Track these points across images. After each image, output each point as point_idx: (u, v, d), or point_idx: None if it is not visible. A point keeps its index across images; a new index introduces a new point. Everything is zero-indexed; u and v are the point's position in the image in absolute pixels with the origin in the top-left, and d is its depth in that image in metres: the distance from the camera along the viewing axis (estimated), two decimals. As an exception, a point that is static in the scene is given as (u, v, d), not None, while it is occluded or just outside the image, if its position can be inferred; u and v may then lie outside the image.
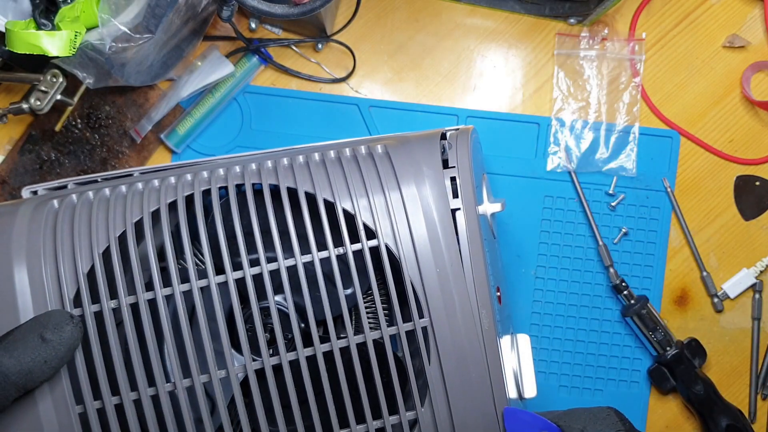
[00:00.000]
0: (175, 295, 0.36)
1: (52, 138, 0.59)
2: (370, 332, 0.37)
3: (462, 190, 0.39)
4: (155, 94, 0.60)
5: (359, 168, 0.40)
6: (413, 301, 0.37)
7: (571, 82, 0.62)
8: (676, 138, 0.61)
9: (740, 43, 0.62)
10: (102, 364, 0.36)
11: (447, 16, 0.62)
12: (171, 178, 0.40)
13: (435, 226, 0.38)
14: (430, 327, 0.37)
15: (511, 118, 0.61)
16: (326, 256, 0.37)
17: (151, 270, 0.36)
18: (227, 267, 0.37)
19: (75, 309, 0.36)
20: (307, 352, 0.37)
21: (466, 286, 0.38)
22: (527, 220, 0.60)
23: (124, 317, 0.36)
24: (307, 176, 0.39)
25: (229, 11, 0.53)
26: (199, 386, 0.36)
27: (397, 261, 0.38)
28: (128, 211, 0.38)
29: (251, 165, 0.41)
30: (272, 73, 0.61)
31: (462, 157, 0.40)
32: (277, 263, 0.37)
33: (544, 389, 0.59)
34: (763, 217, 0.61)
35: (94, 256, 0.37)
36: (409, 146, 0.41)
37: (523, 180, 0.60)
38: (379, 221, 0.38)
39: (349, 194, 0.39)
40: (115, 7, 0.46)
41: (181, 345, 0.36)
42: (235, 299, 0.37)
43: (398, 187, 0.39)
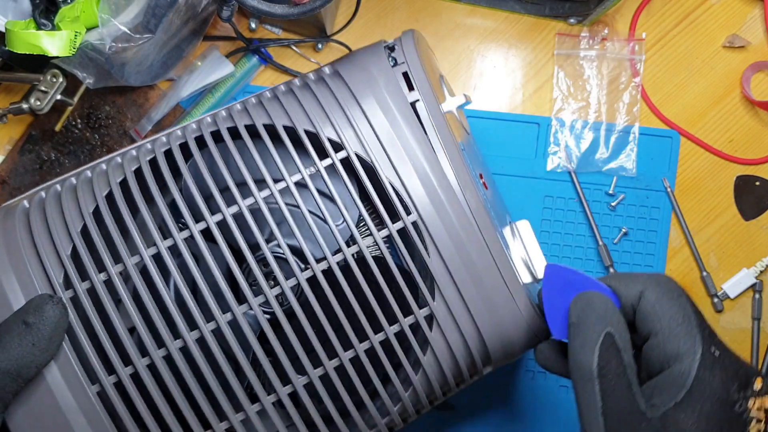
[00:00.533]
0: (161, 251, 0.36)
1: (52, 138, 0.59)
2: (363, 240, 0.37)
3: (416, 81, 0.40)
4: (155, 94, 0.60)
5: (312, 92, 0.40)
6: (397, 200, 0.38)
7: (571, 82, 0.62)
8: (676, 138, 0.61)
9: (740, 43, 0.62)
10: (107, 337, 0.35)
11: (447, 16, 0.62)
12: (132, 151, 0.41)
13: (398, 122, 0.39)
14: (420, 220, 0.38)
15: (511, 118, 0.61)
16: (299, 178, 0.37)
17: (132, 235, 0.36)
18: (204, 212, 0.36)
19: (67, 291, 0.36)
20: (306, 274, 0.37)
21: (443, 171, 0.38)
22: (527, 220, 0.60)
23: (117, 285, 0.36)
24: (262, 112, 0.40)
25: (229, 11, 0.53)
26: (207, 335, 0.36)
27: (372, 167, 0.38)
28: (96, 188, 0.38)
29: (207, 118, 0.41)
30: (272, 73, 0.61)
31: (409, 52, 0.41)
32: (253, 198, 0.37)
33: (544, 389, 0.59)
34: (763, 217, 0.61)
35: (73, 235, 0.36)
36: (354, 57, 0.42)
37: (523, 180, 0.60)
38: (342, 133, 0.38)
39: (307, 117, 0.39)
40: (115, 7, 0.46)
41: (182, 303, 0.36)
42: (222, 242, 0.36)
43: (354, 97, 0.39)
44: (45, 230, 0.37)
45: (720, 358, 0.31)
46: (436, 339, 0.38)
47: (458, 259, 0.38)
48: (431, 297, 0.38)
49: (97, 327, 0.35)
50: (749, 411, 0.30)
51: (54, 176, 0.58)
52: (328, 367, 0.37)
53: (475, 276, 0.38)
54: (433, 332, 0.38)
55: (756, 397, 0.31)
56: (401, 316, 0.37)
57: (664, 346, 0.32)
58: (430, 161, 0.38)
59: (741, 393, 0.31)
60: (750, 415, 0.30)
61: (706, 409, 0.30)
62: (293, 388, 0.37)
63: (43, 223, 0.37)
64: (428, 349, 0.38)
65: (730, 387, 0.31)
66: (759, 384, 0.31)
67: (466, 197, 0.38)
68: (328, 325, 0.36)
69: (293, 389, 0.37)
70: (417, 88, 0.40)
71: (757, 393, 0.31)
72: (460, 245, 0.38)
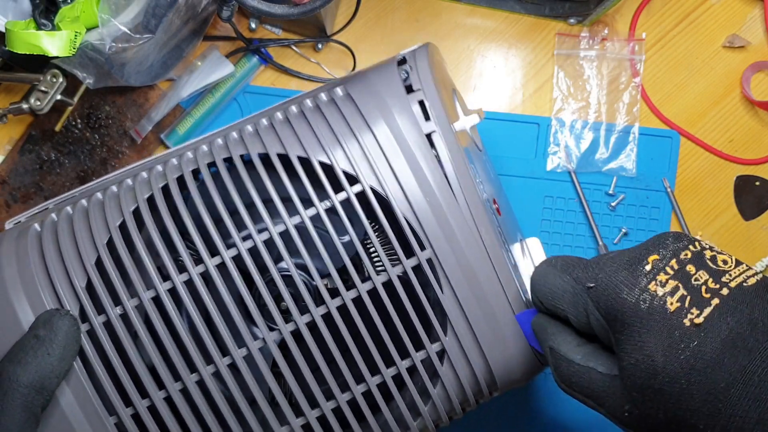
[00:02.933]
0: (176, 285, 0.36)
1: (52, 138, 0.59)
2: (377, 276, 0.37)
3: (432, 111, 0.39)
4: (155, 94, 0.60)
5: (324, 117, 0.39)
6: (411, 236, 0.37)
7: (571, 82, 0.62)
8: (676, 138, 0.61)
9: (740, 43, 0.62)
10: (124, 369, 0.36)
11: (447, 16, 0.62)
12: (143, 173, 0.40)
13: (413, 155, 0.38)
14: (434, 256, 0.37)
15: (511, 118, 0.61)
16: (314, 213, 0.37)
17: (147, 267, 0.36)
18: (219, 245, 0.36)
19: (83, 324, 0.36)
20: (321, 310, 0.37)
21: (459, 207, 0.38)
22: (527, 220, 0.60)
23: (132, 320, 0.36)
24: (275, 138, 0.39)
25: (229, 11, 0.53)
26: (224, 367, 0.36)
27: (386, 201, 0.37)
28: (109, 216, 0.38)
29: (217, 140, 0.40)
30: (272, 73, 0.61)
31: (425, 78, 0.39)
32: (268, 232, 0.37)
33: (544, 389, 0.59)
34: (763, 217, 0.61)
35: (87, 268, 0.37)
36: (367, 81, 0.40)
37: (523, 180, 0.61)
38: (357, 166, 0.38)
39: (321, 147, 0.38)
40: (115, 7, 0.46)
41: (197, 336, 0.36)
42: (237, 276, 0.36)
43: (368, 127, 0.38)
44: (59, 261, 0.37)
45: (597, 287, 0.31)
46: (447, 373, 0.38)
47: (471, 294, 0.38)
48: (443, 332, 0.38)
49: (113, 360, 0.36)
50: (655, 293, 0.29)
51: (54, 176, 0.59)
52: (340, 401, 0.37)
53: (487, 310, 0.38)
54: (444, 366, 0.38)
55: (655, 277, 0.30)
56: (413, 351, 0.37)
57: (577, 318, 0.33)
58: (444, 196, 0.38)
59: (635, 290, 0.30)
60: (659, 295, 0.29)
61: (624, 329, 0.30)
62: (306, 420, 0.37)
63: (57, 254, 0.37)
64: (438, 382, 0.38)
65: (621, 296, 0.30)
66: (650, 258, 0.30)
67: (481, 234, 0.38)
68: (341, 359, 0.37)
69: (306, 421, 0.37)
70: (433, 119, 0.38)
71: (653, 272, 0.30)
72: (473, 281, 0.38)
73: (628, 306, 0.29)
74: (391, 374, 0.37)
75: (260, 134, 0.39)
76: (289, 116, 0.40)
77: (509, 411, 0.59)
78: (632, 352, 0.29)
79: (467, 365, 0.38)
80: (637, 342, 0.29)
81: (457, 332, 0.38)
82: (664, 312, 0.29)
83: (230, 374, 0.36)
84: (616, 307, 0.30)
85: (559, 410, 0.59)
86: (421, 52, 0.41)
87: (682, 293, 0.29)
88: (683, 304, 0.28)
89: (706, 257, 0.30)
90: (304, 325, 0.37)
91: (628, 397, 0.30)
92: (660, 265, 0.30)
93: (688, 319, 0.28)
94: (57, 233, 0.38)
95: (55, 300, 0.37)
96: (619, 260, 0.31)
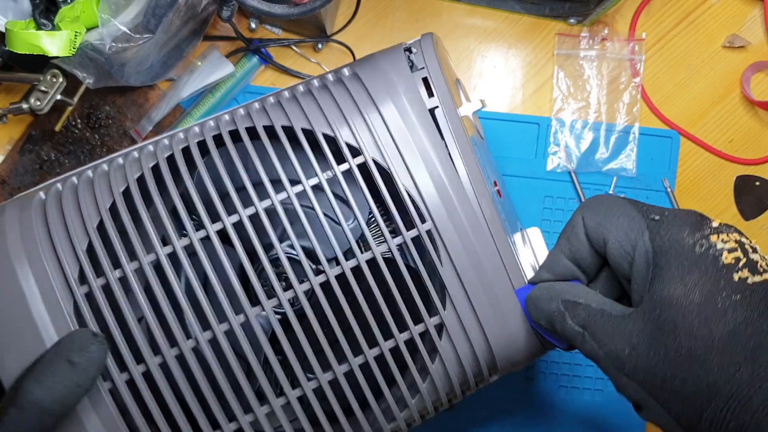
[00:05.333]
0: (176, 250, 0.36)
1: (52, 138, 0.59)
2: (377, 247, 0.37)
3: (435, 87, 0.39)
4: (155, 94, 0.60)
5: (331, 94, 0.40)
6: (412, 208, 0.37)
7: (571, 82, 0.62)
8: (676, 138, 0.61)
9: (740, 43, 0.62)
10: (120, 334, 0.35)
11: (447, 16, 0.62)
12: (149, 146, 0.40)
13: (416, 129, 0.39)
14: (434, 229, 0.37)
15: (511, 118, 0.61)
16: (316, 182, 0.37)
17: (148, 232, 0.36)
18: (221, 212, 0.36)
19: (81, 287, 0.36)
20: (320, 279, 0.37)
21: (459, 179, 0.38)
22: (527, 220, 0.60)
23: (131, 283, 0.36)
24: (281, 113, 0.39)
25: (229, 11, 0.54)
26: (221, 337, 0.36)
27: (388, 174, 0.38)
28: (114, 182, 0.38)
29: (224, 116, 0.41)
30: (272, 73, 0.61)
31: (429, 57, 0.40)
32: (270, 200, 0.37)
33: (544, 389, 0.59)
34: (763, 217, 0.61)
35: (89, 231, 0.36)
36: (374, 61, 0.41)
37: (523, 180, 0.61)
38: (361, 138, 0.38)
39: (326, 120, 0.38)
40: (115, 7, 0.46)
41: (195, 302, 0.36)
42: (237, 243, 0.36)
43: (373, 102, 0.39)
44: (62, 224, 0.37)
45: (662, 220, 0.31)
46: (445, 348, 0.38)
47: (471, 268, 0.38)
48: (442, 306, 0.38)
49: (110, 324, 0.35)
50: (715, 244, 0.30)
51: (54, 176, 0.58)
52: (337, 372, 0.37)
53: (487, 286, 0.38)
54: (442, 341, 0.38)
55: (719, 234, 0.30)
56: (412, 324, 0.37)
57: (619, 243, 0.33)
58: (446, 170, 0.38)
59: (696, 235, 0.30)
60: (718, 247, 0.29)
61: (674, 268, 0.29)
62: (303, 391, 0.37)
63: (60, 217, 0.37)
64: (437, 357, 0.38)
65: (681, 236, 0.30)
66: (717, 221, 0.31)
67: (482, 207, 0.38)
68: (338, 329, 0.36)
69: (303, 392, 0.37)
70: (437, 95, 0.39)
71: (719, 230, 0.30)
72: (473, 255, 0.38)
73: (687, 246, 0.30)
74: (389, 347, 0.37)
75: (267, 110, 0.40)
76: (296, 94, 0.40)
77: (509, 413, 0.59)
78: (671, 286, 0.29)
79: (466, 340, 0.38)
80: (680, 277, 0.29)
81: (456, 306, 0.38)
82: (717, 261, 0.29)
83: (227, 342, 0.36)
84: (673, 244, 0.30)
85: (559, 412, 0.59)
86: (426, 38, 0.42)
87: (739, 255, 0.29)
88: (737, 263, 0.29)
89: (759, 251, 0.31)
90: (302, 293, 0.36)
91: (641, 333, 0.30)
92: (725, 228, 0.31)
93: (738, 276, 0.28)
94: (61, 199, 0.38)
95: (55, 261, 0.36)
96: (687, 211, 0.32)
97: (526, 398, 0.59)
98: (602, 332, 0.31)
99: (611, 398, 0.59)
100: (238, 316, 0.36)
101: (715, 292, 0.28)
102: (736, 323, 0.27)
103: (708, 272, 0.29)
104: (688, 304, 0.28)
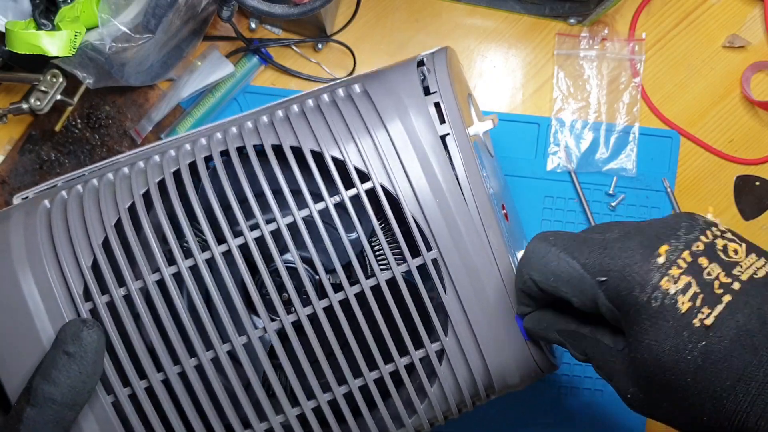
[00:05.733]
0: (181, 270, 0.36)
1: (52, 138, 0.59)
2: (381, 273, 0.37)
3: (448, 114, 0.39)
4: (155, 94, 0.60)
5: (340, 112, 0.39)
6: (419, 236, 0.37)
7: (571, 82, 0.62)
8: (676, 138, 0.61)
9: (740, 43, 0.62)
10: (123, 350, 0.36)
11: (447, 16, 0.62)
12: (155, 156, 0.40)
13: (426, 156, 0.38)
14: (440, 257, 0.37)
15: (511, 118, 0.61)
16: (323, 207, 0.37)
17: (153, 251, 0.36)
18: (227, 233, 0.36)
19: (86, 303, 0.36)
20: (323, 303, 0.37)
21: (468, 210, 0.38)
22: (527, 220, 0.60)
23: (135, 301, 0.36)
24: (289, 130, 0.39)
25: (229, 11, 0.54)
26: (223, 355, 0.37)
27: (396, 199, 0.37)
28: (119, 197, 0.38)
29: (232, 129, 0.40)
30: (272, 73, 0.61)
31: (442, 80, 0.39)
32: (276, 223, 0.37)
33: (544, 389, 0.59)
34: (763, 217, 0.61)
35: (94, 248, 0.37)
36: (386, 79, 0.40)
37: (523, 180, 0.61)
38: (370, 163, 0.38)
39: (335, 142, 0.38)
40: (115, 7, 0.46)
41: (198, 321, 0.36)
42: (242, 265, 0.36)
43: (383, 125, 0.38)
44: (66, 239, 0.37)
45: (609, 281, 0.31)
46: (445, 373, 0.38)
47: (474, 297, 0.38)
48: (444, 332, 0.38)
49: (114, 340, 0.36)
50: (667, 291, 0.29)
51: (54, 176, 0.58)
52: (336, 393, 0.37)
53: (489, 313, 0.38)
54: (442, 366, 0.38)
55: (667, 273, 0.29)
56: (412, 348, 0.37)
57: (581, 302, 0.33)
58: (455, 198, 0.38)
59: (647, 288, 0.29)
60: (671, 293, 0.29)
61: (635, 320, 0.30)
62: (302, 410, 0.37)
63: (65, 232, 0.37)
64: (436, 381, 0.38)
65: (633, 293, 0.30)
66: (663, 252, 0.30)
67: (489, 237, 0.38)
68: (340, 352, 0.37)
69: (301, 411, 0.37)
70: (448, 122, 0.38)
71: (666, 267, 0.29)
72: (477, 283, 0.38)
73: (641, 303, 0.29)
74: (389, 371, 0.37)
75: (275, 125, 0.39)
76: (305, 109, 0.40)
77: (508, 414, 0.59)
78: (641, 347, 0.29)
79: (466, 367, 0.38)
80: (645, 338, 0.29)
81: (457, 333, 0.38)
82: (675, 312, 0.29)
83: (229, 361, 0.36)
84: (629, 302, 0.30)
85: (559, 412, 0.59)
86: (440, 55, 0.41)
87: (694, 291, 0.29)
88: (694, 303, 0.28)
89: (718, 248, 0.30)
90: (305, 317, 0.36)
91: (634, 381, 0.31)
92: (672, 257, 0.29)
93: (698, 320, 0.28)
94: (66, 211, 0.38)
95: (60, 277, 0.36)
96: (629, 247, 0.31)
97: (526, 398, 0.59)
98: (605, 367, 0.33)
99: (611, 398, 0.59)
100: (240, 338, 0.37)
101: (682, 347, 0.28)
102: (711, 368, 0.28)
103: (669, 329, 0.29)
104: (662, 365, 0.29)
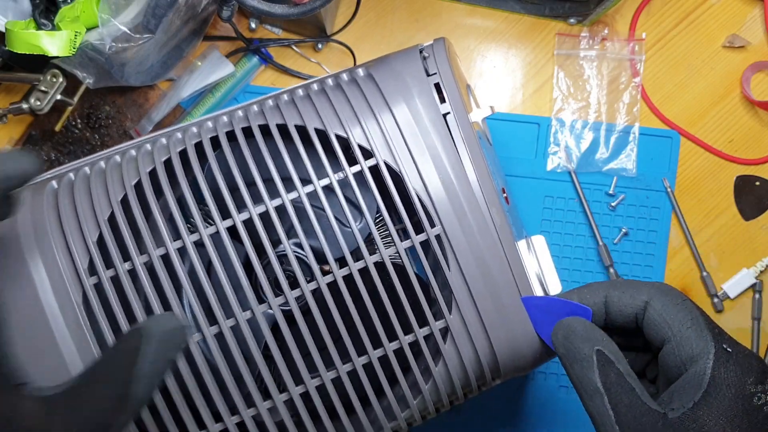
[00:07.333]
0: (186, 246, 0.36)
1: (52, 138, 0.59)
2: (386, 249, 0.37)
3: (448, 94, 0.39)
4: (155, 94, 0.60)
5: (345, 95, 0.40)
6: (422, 212, 0.37)
7: (571, 82, 0.62)
8: (676, 138, 0.61)
9: (740, 43, 0.62)
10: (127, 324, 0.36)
11: (447, 16, 0.62)
12: (162, 139, 0.41)
13: (429, 133, 0.39)
14: (443, 233, 0.37)
15: (511, 118, 0.61)
16: (327, 183, 0.37)
17: (158, 226, 0.36)
18: (231, 210, 0.37)
19: (91, 278, 0.36)
20: (327, 279, 0.37)
21: (470, 186, 0.38)
22: (527, 220, 0.60)
23: (140, 275, 0.36)
24: (294, 111, 0.39)
25: (229, 11, 0.54)
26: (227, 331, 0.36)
27: (399, 176, 0.38)
28: (126, 175, 0.38)
29: (238, 112, 0.41)
30: (272, 73, 0.61)
31: (441, 62, 0.40)
32: (281, 200, 0.37)
33: (544, 389, 0.59)
34: (763, 217, 0.61)
35: (100, 222, 0.37)
36: (389, 62, 0.41)
37: (523, 180, 0.61)
38: (373, 139, 0.38)
39: (339, 122, 0.38)
40: (115, 7, 0.46)
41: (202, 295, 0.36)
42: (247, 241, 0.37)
43: (387, 104, 0.39)
44: (73, 215, 0.37)
45: (733, 354, 0.32)
46: (449, 351, 0.38)
47: (478, 274, 0.38)
48: (448, 310, 0.38)
49: (118, 315, 0.36)
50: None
51: (54, 176, 0.59)
52: (341, 371, 0.37)
53: (494, 292, 0.38)
54: (447, 345, 0.38)
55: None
56: (417, 326, 0.37)
57: (678, 350, 0.33)
58: (457, 175, 0.38)
59: (758, 386, 0.31)
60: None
61: (725, 405, 0.30)
62: (305, 388, 0.37)
63: (72, 208, 0.38)
64: (440, 360, 0.38)
65: (746, 381, 0.31)
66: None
67: (492, 214, 0.38)
68: (344, 328, 0.37)
69: (305, 389, 0.37)
70: (448, 101, 0.39)
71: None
72: (481, 261, 0.38)
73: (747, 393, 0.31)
74: (394, 348, 0.37)
75: (280, 107, 0.40)
76: (309, 92, 0.41)
77: (508, 413, 0.59)
78: (716, 421, 0.30)
79: (471, 345, 0.38)
80: (728, 418, 0.30)
81: (462, 311, 0.38)
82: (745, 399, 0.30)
83: (233, 338, 0.36)
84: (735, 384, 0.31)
85: (559, 412, 0.59)
86: (439, 42, 0.42)
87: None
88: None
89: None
90: (309, 293, 0.37)
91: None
92: None
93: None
94: (73, 189, 0.38)
95: (66, 252, 0.37)
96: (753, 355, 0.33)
97: (526, 398, 0.59)
98: (626, 414, 0.32)
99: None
100: (244, 313, 0.36)
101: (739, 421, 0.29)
102: None
103: (757, 426, 0.30)
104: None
